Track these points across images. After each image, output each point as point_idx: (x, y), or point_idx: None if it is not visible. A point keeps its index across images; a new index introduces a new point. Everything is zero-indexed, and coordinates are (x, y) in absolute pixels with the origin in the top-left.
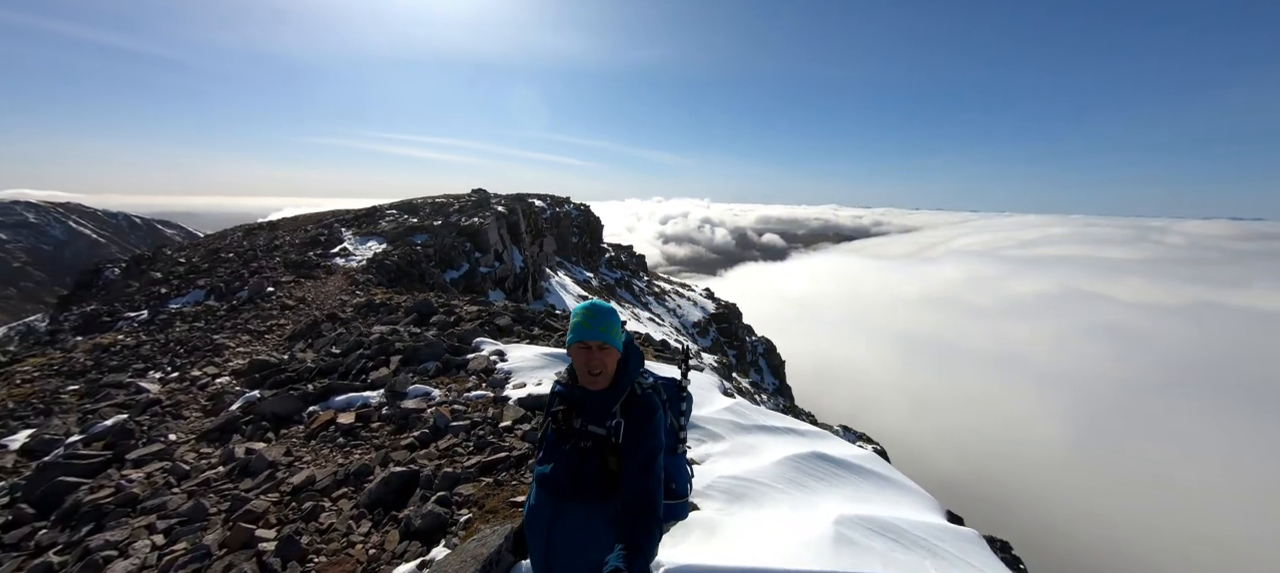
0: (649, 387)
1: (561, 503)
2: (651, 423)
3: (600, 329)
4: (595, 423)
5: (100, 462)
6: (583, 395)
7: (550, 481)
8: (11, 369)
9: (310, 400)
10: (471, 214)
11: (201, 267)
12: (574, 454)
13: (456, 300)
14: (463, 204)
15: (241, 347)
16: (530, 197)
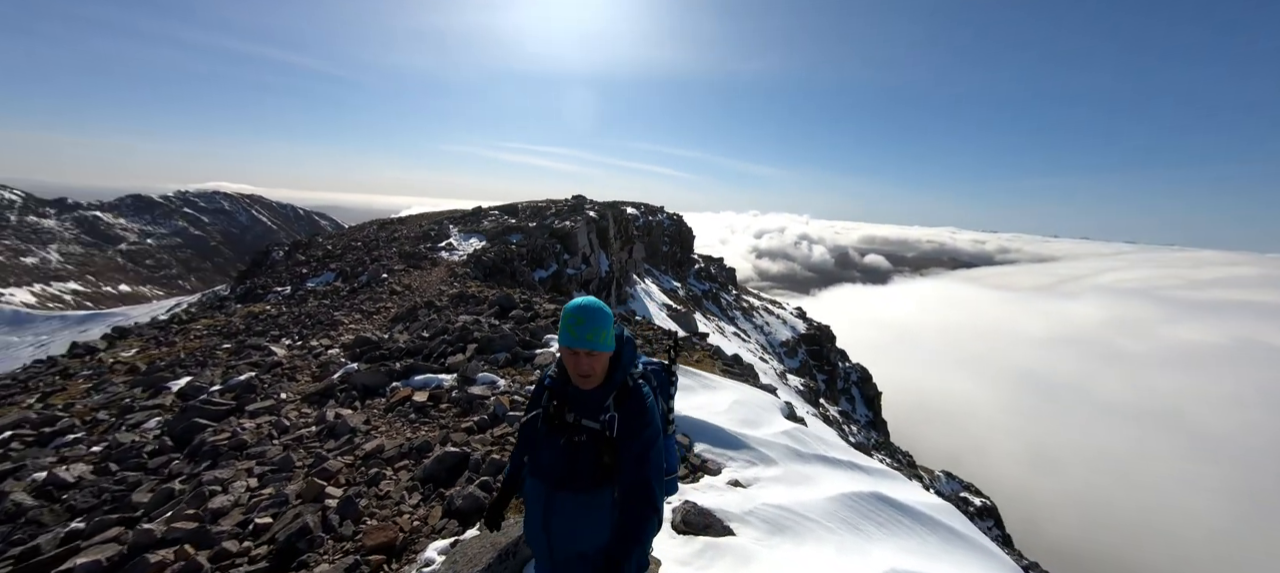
0: (639, 377)
1: (556, 494)
2: (646, 414)
3: (588, 337)
4: (588, 417)
5: (226, 410)
6: (575, 390)
7: (545, 472)
8: (189, 327)
9: (395, 377)
10: (565, 218)
11: (335, 253)
12: (568, 448)
13: (538, 298)
14: (559, 208)
15: (353, 324)
16: (624, 204)
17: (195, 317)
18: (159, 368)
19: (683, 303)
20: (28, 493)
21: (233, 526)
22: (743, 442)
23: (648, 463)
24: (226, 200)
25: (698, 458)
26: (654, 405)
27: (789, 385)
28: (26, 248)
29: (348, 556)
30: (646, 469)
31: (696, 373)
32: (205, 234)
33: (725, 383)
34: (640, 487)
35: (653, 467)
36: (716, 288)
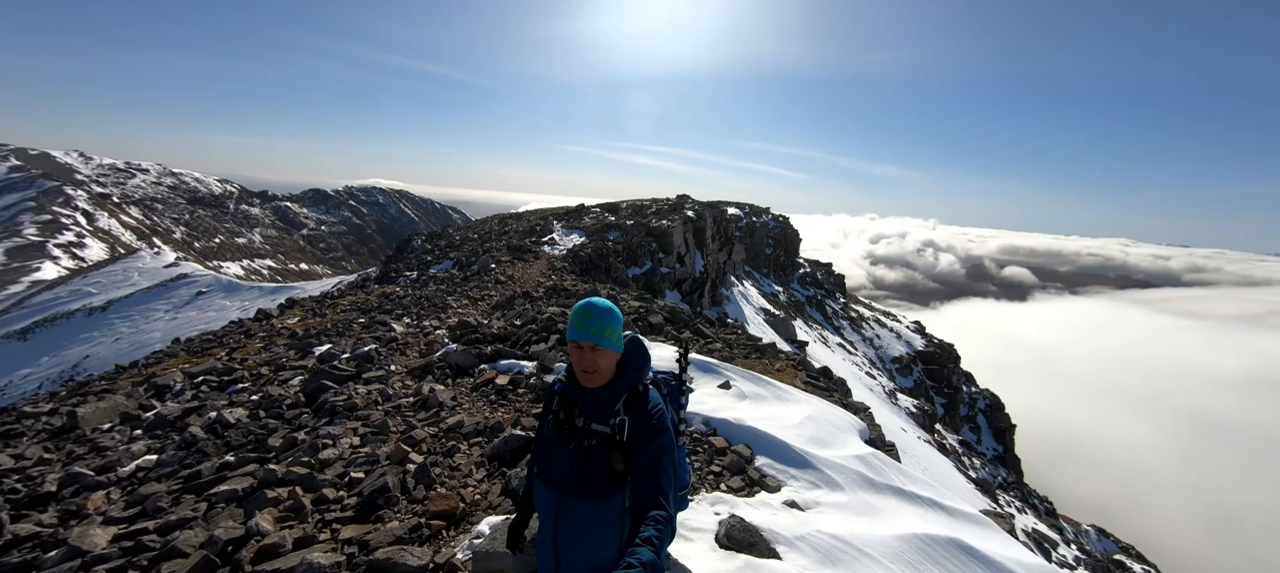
0: (649, 383)
1: (565, 499)
2: (658, 419)
3: (592, 330)
4: (598, 421)
5: (348, 375)
6: (585, 394)
7: (554, 478)
8: (338, 302)
9: (484, 359)
10: (663, 217)
11: (455, 243)
12: (578, 453)
13: (625, 294)
14: (660, 207)
15: (460, 308)
16: (727, 204)
17: (344, 293)
18: (310, 335)
19: (782, 308)
20: (201, 428)
21: (334, 475)
22: (808, 461)
23: (660, 468)
24: (381, 194)
25: (757, 472)
26: (667, 414)
27: (898, 406)
28: (239, 231)
29: (415, 517)
30: (659, 475)
31: (771, 383)
32: (363, 223)
33: (801, 396)
34: (654, 494)
35: (665, 472)
36: (822, 295)
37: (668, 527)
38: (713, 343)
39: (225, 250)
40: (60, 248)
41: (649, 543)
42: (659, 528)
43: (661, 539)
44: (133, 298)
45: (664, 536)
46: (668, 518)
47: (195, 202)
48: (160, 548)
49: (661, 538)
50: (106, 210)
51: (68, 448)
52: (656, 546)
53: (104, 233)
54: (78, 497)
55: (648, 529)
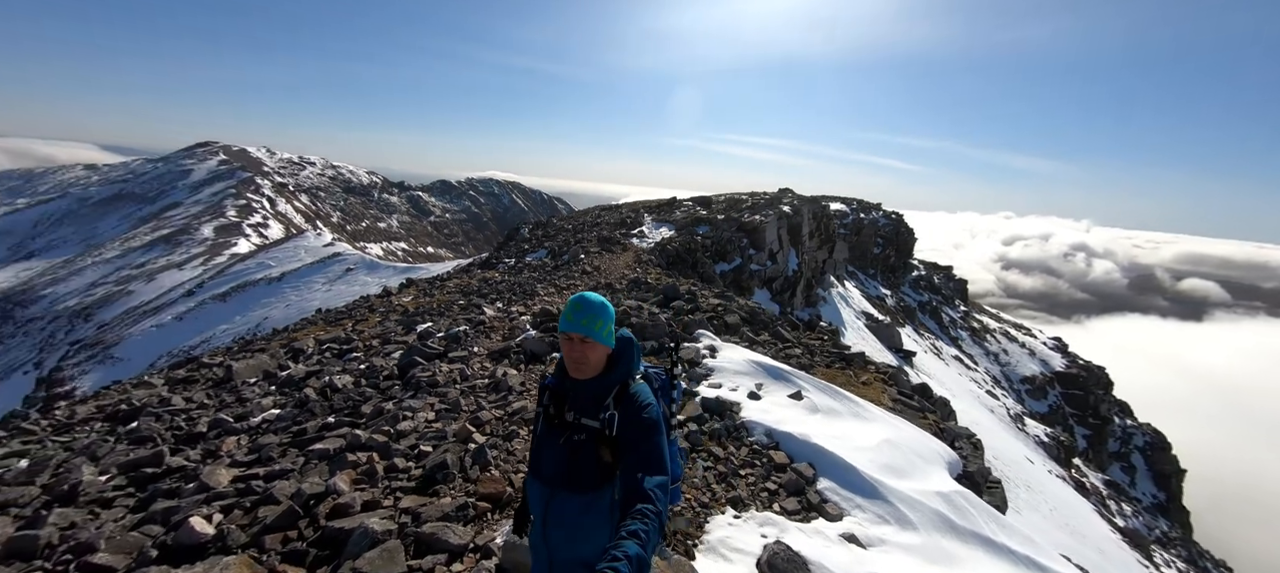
0: (640, 377)
1: (555, 494)
2: (650, 412)
3: (582, 323)
4: (588, 415)
5: (436, 353)
6: (575, 387)
7: (544, 472)
8: (445, 284)
9: (556, 349)
10: (757, 212)
11: (551, 233)
12: (568, 447)
13: (706, 291)
14: (755, 202)
15: (546, 296)
16: (831, 199)
17: (452, 276)
18: (417, 313)
19: (888, 313)
20: (315, 391)
21: (407, 446)
22: (879, 491)
23: (650, 462)
24: (496, 186)
25: (817, 495)
26: (657, 408)
27: (1025, 433)
28: (380, 216)
29: (464, 496)
30: (649, 468)
31: (849, 397)
32: (480, 212)
33: (882, 415)
34: (641, 486)
35: (655, 466)
36: (938, 301)
37: (656, 521)
38: (792, 348)
39: (369, 233)
40: (251, 227)
41: (635, 536)
42: (646, 521)
43: (649, 532)
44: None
45: (651, 529)
46: (657, 512)
47: (349, 190)
48: (261, 494)
49: (649, 531)
50: (284, 197)
51: (221, 396)
52: (643, 538)
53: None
54: (218, 439)
55: (634, 523)
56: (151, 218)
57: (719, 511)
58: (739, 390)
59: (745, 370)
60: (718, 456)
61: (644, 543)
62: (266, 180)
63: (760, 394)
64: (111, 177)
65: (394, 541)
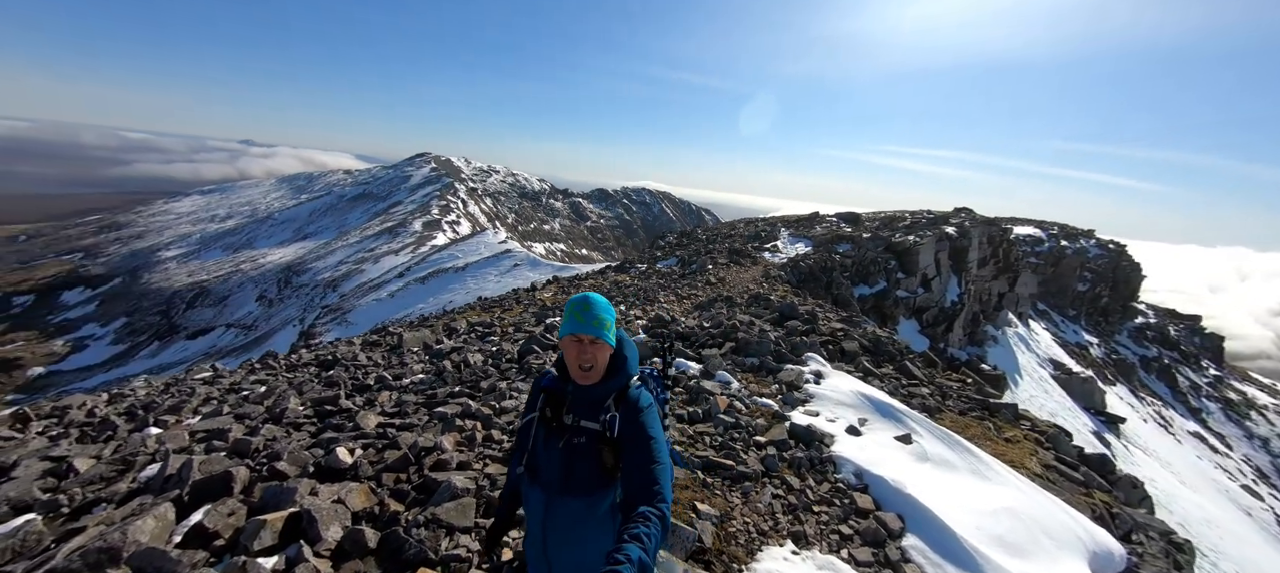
0: (638, 379)
1: (555, 499)
2: (651, 413)
3: (594, 323)
4: (588, 418)
5: (551, 345)
6: (575, 390)
7: (542, 477)
8: (581, 284)
9: (657, 352)
10: (913, 231)
11: (684, 242)
12: (568, 450)
13: (830, 313)
14: (914, 220)
15: (666, 302)
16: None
17: (588, 278)
18: (551, 308)
19: (1091, 365)
20: (452, 364)
21: (505, 421)
22: (979, 565)
23: (656, 463)
24: (647, 195)
25: (897, 552)
26: (655, 406)
27: None
28: (546, 220)
29: None
30: (653, 470)
31: (973, 451)
32: (632, 220)
33: (1014, 479)
34: (649, 487)
35: (659, 465)
36: (1173, 359)
37: (659, 523)
38: (918, 387)
39: (536, 234)
40: (448, 224)
41: (637, 539)
42: (648, 524)
43: (651, 535)
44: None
45: (654, 532)
46: (660, 515)
47: (523, 196)
48: (390, 439)
49: (651, 534)
50: (473, 200)
51: (390, 359)
52: (645, 542)
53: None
54: (377, 391)
55: (637, 526)
56: (381, 214)
57: (777, 542)
58: (837, 422)
59: (850, 402)
60: (792, 485)
61: (646, 546)
62: (462, 186)
63: (861, 430)
64: (359, 180)
65: (469, 498)
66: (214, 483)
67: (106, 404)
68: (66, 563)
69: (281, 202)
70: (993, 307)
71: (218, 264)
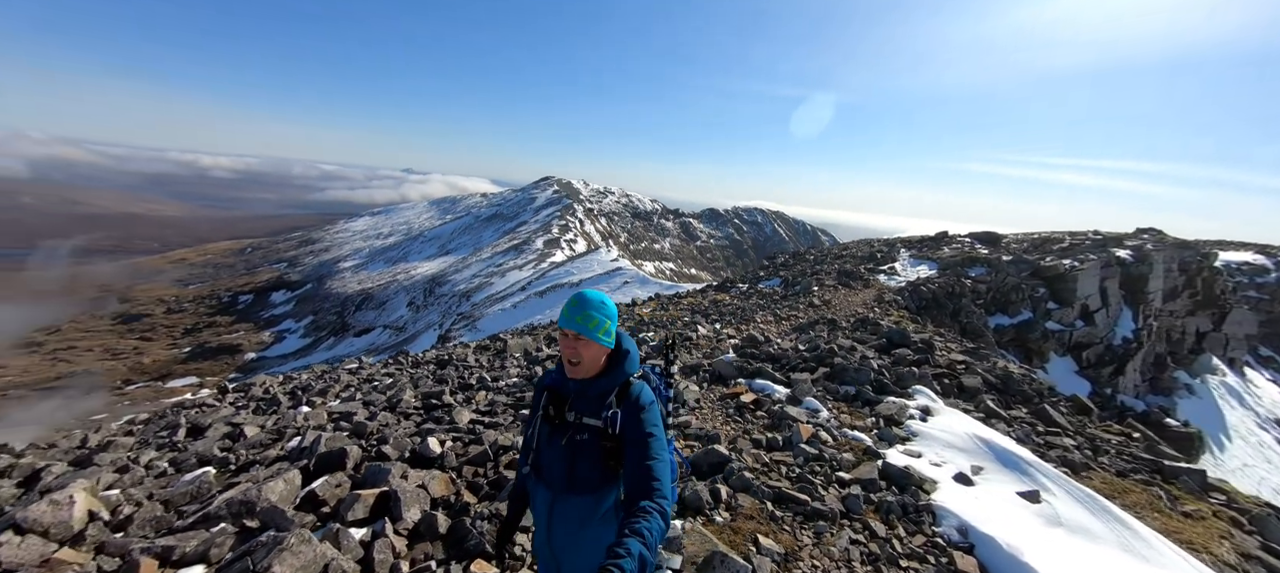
0: (639, 376)
1: (559, 497)
2: (652, 411)
3: (577, 320)
4: (590, 414)
5: (649, 355)
6: (576, 387)
7: (546, 475)
8: (680, 301)
9: (743, 374)
10: (1071, 254)
11: (789, 263)
12: (570, 447)
13: (952, 343)
14: (1076, 242)
15: (762, 322)
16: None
17: (688, 295)
18: (646, 323)
19: None
20: (542, 370)
21: None
22: None
23: (657, 460)
24: (759, 215)
25: None
26: (657, 403)
27: None
28: (657, 239)
29: None
30: (654, 466)
31: (1123, 521)
32: (742, 239)
33: (1183, 565)
34: (649, 483)
35: (660, 462)
36: None
37: (660, 518)
38: (1061, 437)
39: (646, 253)
40: (566, 242)
41: (638, 534)
42: (649, 519)
43: (652, 529)
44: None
45: (655, 526)
46: (661, 510)
47: (635, 216)
48: (476, 436)
49: (652, 528)
50: (590, 220)
51: (493, 363)
52: (646, 536)
53: (586, 234)
54: (476, 391)
55: (638, 520)
56: (509, 232)
57: None
58: (943, 467)
59: (963, 446)
60: (876, 532)
61: (648, 540)
62: (580, 206)
63: (973, 479)
64: (492, 202)
65: None
66: (332, 457)
67: (278, 386)
68: (217, 509)
69: (430, 221)
70: (1188, 349)
71: (380, 274)
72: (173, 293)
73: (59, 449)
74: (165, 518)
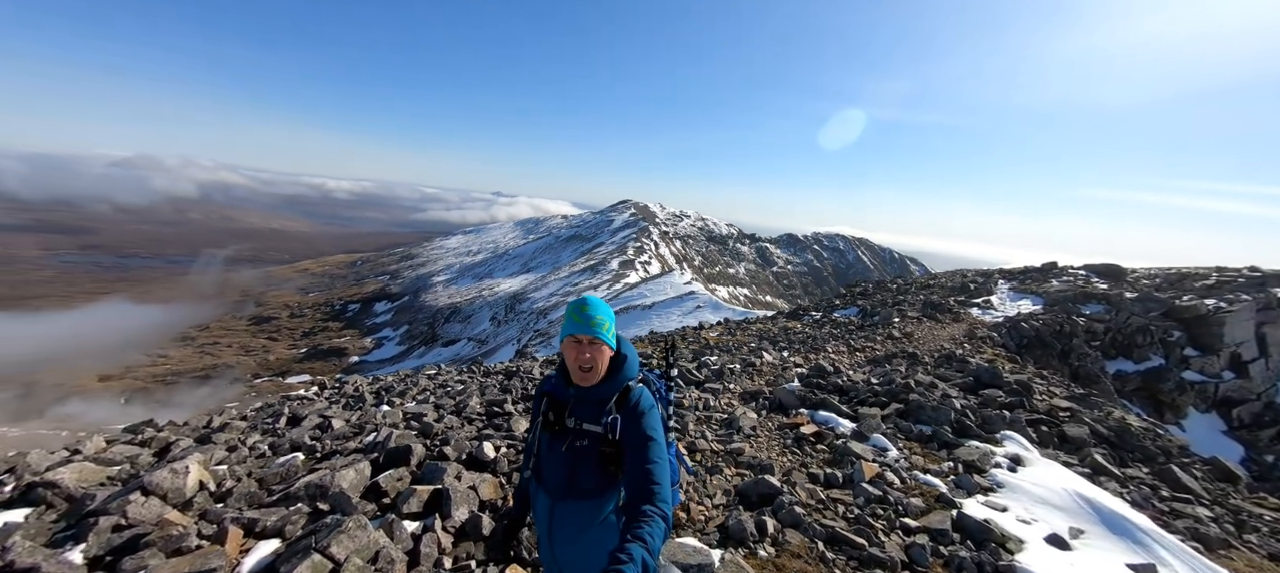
0: (640, 380)
1: (559, 503)
2: (651, 415)
3: (592, 323)
4: (590, 420)
5: (693, 381)
6: (577, 393)
7: (547, 481)
8: (749, 326)
9: (805, 403)
10: (1217, 292)
11: (871, 291)
12: (571, 453)
13: (1056, 388)
14: (1224, 279)
15: (833, 352)
16: None
17: (758, 321)
18: (712, 347)
19: None
20: None
21: None
22: None
23: (657, 464)
24: (842, 242)
25: None
26: (658, 411)
27: None
28: (731, 264)
29: None
30: (654, 470)
31: None
32: (822, 266)
33: None
34: (649, 488)
35: (660, 466)
36: None
37: (661, 523)
38: (1191, 504)
39: (720, 277)
40: (640, 264)
41: (640, 539)
42: (651, 524)
43: (654, 534)
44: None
45: (656, 530)
46: (662, 514)
47: (710, 240)
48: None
49: (654, 533)
50: (665, 243)
51: None
52: (648, 541)
53: (660, 257)
54: None
55: (640, 526)
56: (587, 253)
57: None
58: (1034, 526)
59: (1059, 503)
60: None
61: (649, 546)
62: (656, 229)
63: (1070, 543)
64: (573, 224)
65: None
66: (398, 453)
67: (366, 385)
68: (297, 491)
69: (514, 241)
70: None
71: (467, 289)
72: (296, 299)
73: (190, 427)
74: (257, 494)
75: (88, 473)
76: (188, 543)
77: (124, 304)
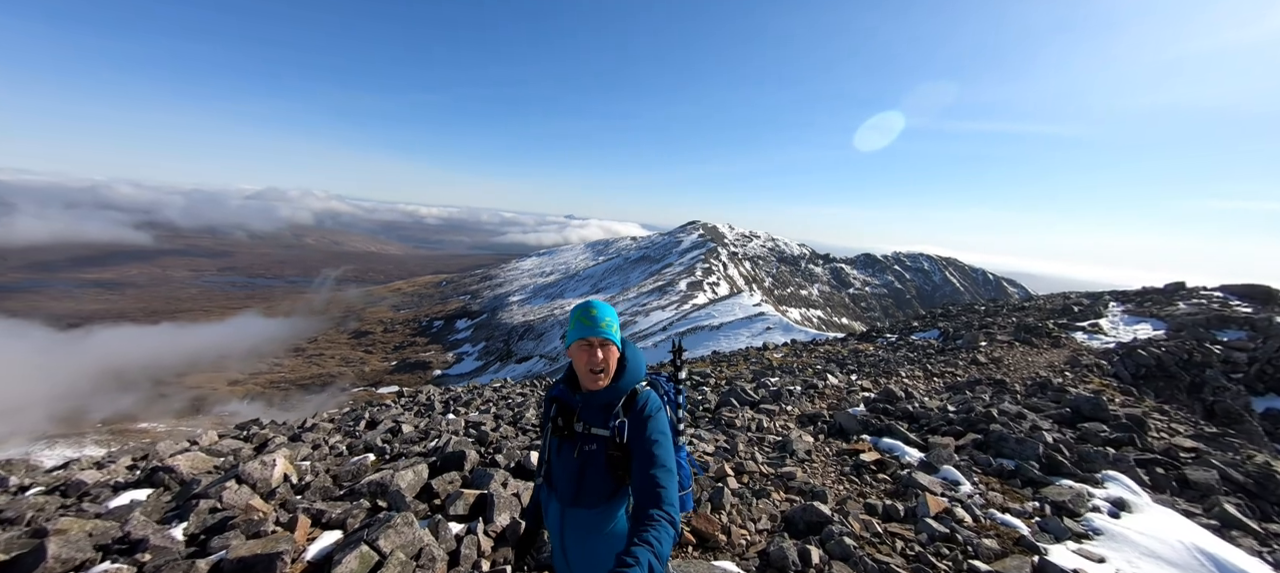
0: (647, 384)
1: (568, 509)
2: (658, 418)
3: (602, 325)
4: (598, 425)
5: (748, 401)
6: (585, 398)
7: (557, 487)
8: (817, 348)
9: (867, 430)
10: None
11: (956, 313)
12: (580, 459)
13: (1177, 424)
14: None
15: (907, 377)
16: None
17: (825, 343)
18: (776, 368)
19: None
20: None
21: None
22: None
23: (664, 468)
24: (927, 261)
25: None
26: (665, 414)
27: None
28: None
29: (682, 523)
30: (663, 474)
31: None
32: (904, 287)
33: None
34: (657, 493)
35: (666, 470)
36: None
37: (668, 527)
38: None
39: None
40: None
41: (647, 543)
42: (657, 528)
43: (661, 539)
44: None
45: (663, 535)
46: (669, 518)
47: (781, 260)
48: None
49: (661, 537)
50: (734, 263)
51: None
52: (655, 545)
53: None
54: None
55: (646, 530)
56: (655, 273)
57: None
58: None
59: (1174, 558)
60: None
61: (656, 550)
62: (724, 249)
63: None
64: (641, 245)
65: None
66: (453, 458)
67: (438, 395)
68: (361, 488)
69: (585, 262)
70: None
71: (540, 308)
72: (389, 316)
73: (286, 427)
74: (330, 489)
75: (199, 462)
76: (265, 528)
77: (253, 319)
